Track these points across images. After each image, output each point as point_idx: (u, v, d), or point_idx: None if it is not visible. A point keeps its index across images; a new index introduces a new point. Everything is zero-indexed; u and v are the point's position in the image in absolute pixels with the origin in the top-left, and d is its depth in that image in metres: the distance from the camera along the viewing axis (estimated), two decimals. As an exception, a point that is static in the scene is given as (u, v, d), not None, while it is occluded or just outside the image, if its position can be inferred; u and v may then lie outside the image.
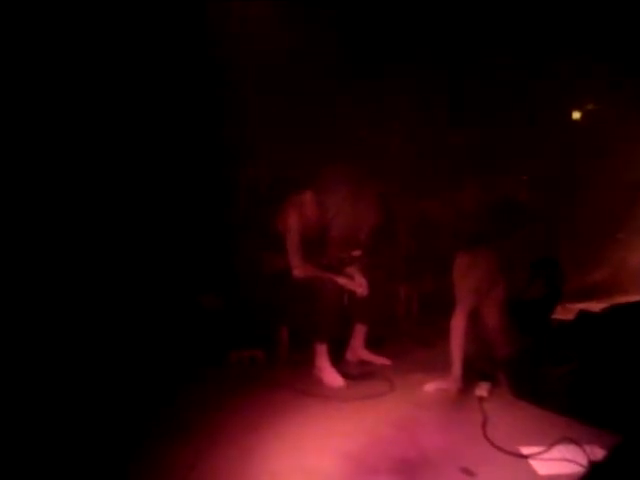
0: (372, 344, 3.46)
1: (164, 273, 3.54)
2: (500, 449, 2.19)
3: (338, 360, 3.24)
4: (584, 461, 2.03)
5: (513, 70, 4.27)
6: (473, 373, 2.96)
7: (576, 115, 4.89)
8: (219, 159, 3.75)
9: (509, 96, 4.29)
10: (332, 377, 3.02)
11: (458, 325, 2.87)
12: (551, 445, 2.16)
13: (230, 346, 3.42)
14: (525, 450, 2.17)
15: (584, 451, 2.08)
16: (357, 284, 3.18)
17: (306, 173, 3.33)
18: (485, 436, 2.31)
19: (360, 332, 3.40)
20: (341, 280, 3.13)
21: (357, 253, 3.47)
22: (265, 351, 3.44)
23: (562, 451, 2.13)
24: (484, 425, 2.40)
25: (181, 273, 3.61)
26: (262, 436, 2.36)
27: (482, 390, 2.77)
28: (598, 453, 2.03)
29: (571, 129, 4.86)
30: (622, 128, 4.48)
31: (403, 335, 3.90)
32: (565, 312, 3.35)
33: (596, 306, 3.07)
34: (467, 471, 2.03)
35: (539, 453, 2.14)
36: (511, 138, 4.29)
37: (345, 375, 3.06)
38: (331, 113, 3.95)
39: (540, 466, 2.07)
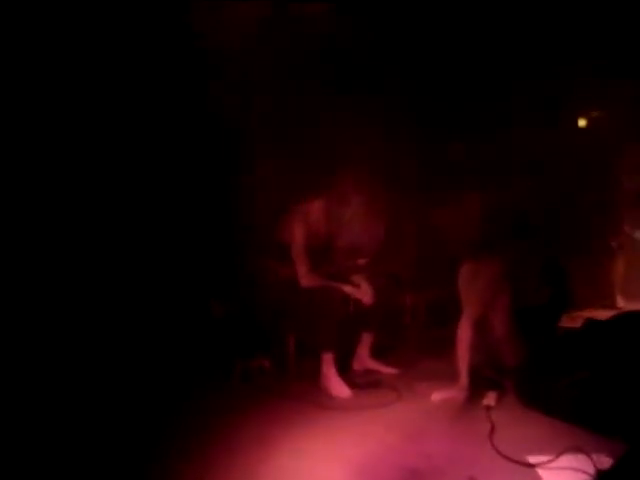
0: (379, 353, 3.46)
1: (170, 281, 3.55)
2: (507, 458, 2.19)
3: (345, 369, 3.25)
4: (592, 470, 2.02)
5: (514, 74, 4.28)
6: (480, 382, 2.96)
7: (581, 121, 4.88)
8: (225, 166, 3.76)
9: (511, 101, 4.29)
10: (338, 387, 3.02)
11: (464, 333, 2.88)
12: (559, 454, 2.16)
13: (237, 356, 3.43)
14: (532, 459, 2.16)
15: (592, 460, 2.07)
16: (363, 293, 3.18)
17: (312, 181, 3.34)
18: (492, 445, 2.30)
19: (366, 341, 3.40)
20: (347, 289, 3.14)
21: (363, 261, 3.48)
22: (272, 360, 3.44)
23: (570, 460, 2.12)
24: (491, 434, 2.40)
25: (187, 281, 3.62)
26: (269, 446, 2.37)
27: (489, 399, 2.76)
28: (606, 462, 2.02)
29: (573, 134, 4.83)
30: (623, 133, 4.48)
31: (409, 344, 3.90)
32: (572, 320, 3.35)
33: (603, 314, 3.07)
34: (474, 480, 2.03)
35: (547, 462, 2.13)
36: (513, 144, 4.29)
37: (352, 384, 3.06)
38: (332, 117, 3.98)
39: (547, 475, 2.07)
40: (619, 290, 4.49)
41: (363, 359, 3.40)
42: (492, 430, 2.43)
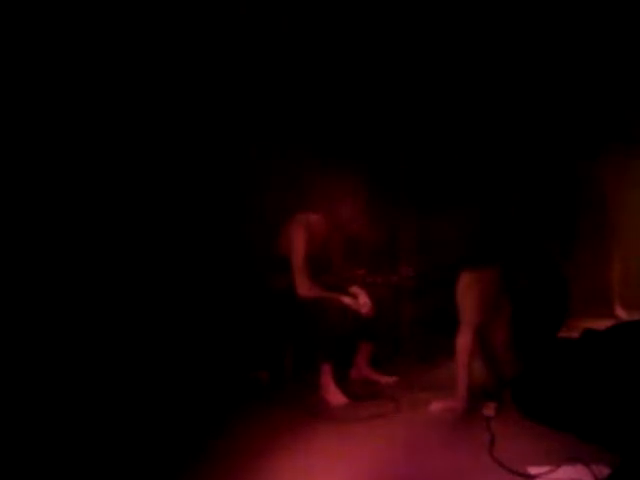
0: (377, 363, 3.45)
1: (171, 290, 3.54)
2: (507, 469, 2.17)
3: (344, 379, 3.24)
4: (591, 480, 2.02)
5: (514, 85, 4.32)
6: (480, 392, 2.96)
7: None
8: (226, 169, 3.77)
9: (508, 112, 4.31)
10: (336, 397, 3.01)
11: (463, 344, 2.87)
12: (558, 464, 2.15)
13: (234, 367, 3.42)
14: (532, 470, 2.15)
15: (591, 470, 2.06)
16: (361, 304, 3.18)
17: (312, 190, 3.35)
18: (492, 456, 2.29)
19: (365, 351, 3.40)
20: (345, 299, 3.14)
21: (361, 272, 3.48)
22: (270, 371, 3.44)
23: (569, 471, 2.11)
24: (491, 445, 2.39)
25: (185, 293, 3.62)
26: (266, 457, 2.35)
27: (489, 409, 2.76)
28: (605, 472, 2.02)
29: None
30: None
31: (408, 354, 3.89)
32: (570, 330, 3.35)
33: (601, 324, 3.06)
34: (474, 491, 2.02)
35: (546, 473, 2.12)
36: (512, 155, 4.31)
37: (350, 394, 3.05)
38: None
39: (547, 486, 2.06)
40: (617, 298, 4.48)
41: (362, 369, 3.40)
42: (492, 441, 2.42)
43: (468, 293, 2.94)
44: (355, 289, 3.28)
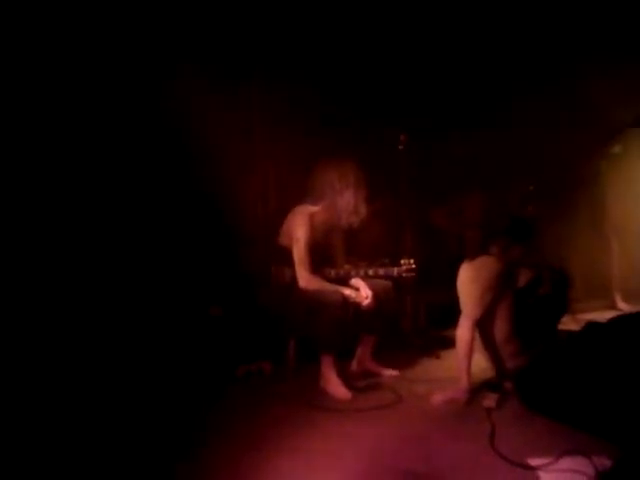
0: (379, 355, 3.46)
1: (171, 285, 3.55)
2: (508, 460, 2.18)
3: (345, 371, 3.25)
4: (592, 472, 2.01)
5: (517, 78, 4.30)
6: (480, 384, 2.96)
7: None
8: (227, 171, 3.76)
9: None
10: (338, 389, 3.02)
11: (464, 335, 2.87)
12: (559, 456, 2.15)
13: (237, 359, 3.43)
14: (533, 461, 2.15)
15: (592, 462, 2.06)
16: (362, 296, 3.17)
17: (315, 181, 3.33)
18: (493, 447, 2.30)
19: (367, 343, 3.39)
20: (346, 291, 3.13)
21: (363, 264, 3.47)
22: (272, 363, 3.45)
23: (570, 462, 2.11)
24: (492, 436, 2.39)
25: (188, 285, 3.62)
26: (267, 448, 2.36)
27: (490, 401, 2.76)
28: (606, 464, 2.02)
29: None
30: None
31: (410, 346, 3.89)
32: (572, 322, 3.35)
33: (603, 316, 3.06)
34: (474, 483, 2.02)
35: (547, 464, 2.12)
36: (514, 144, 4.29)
37: (352, 386, 3.06)
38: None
39: (548, 477, 2.05)
40: (618, 291, 4.47)
41: (363, 361, 3.40)
42: (492, 432, 2.43)
43: (469, 284, 2.94)
44: (356, 281, 3.28)
